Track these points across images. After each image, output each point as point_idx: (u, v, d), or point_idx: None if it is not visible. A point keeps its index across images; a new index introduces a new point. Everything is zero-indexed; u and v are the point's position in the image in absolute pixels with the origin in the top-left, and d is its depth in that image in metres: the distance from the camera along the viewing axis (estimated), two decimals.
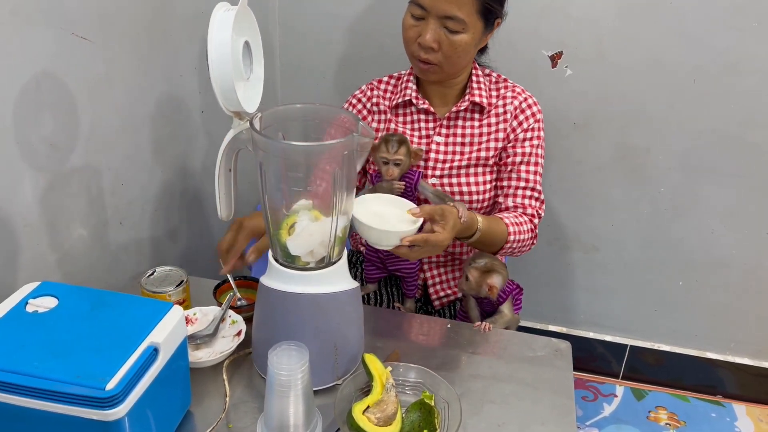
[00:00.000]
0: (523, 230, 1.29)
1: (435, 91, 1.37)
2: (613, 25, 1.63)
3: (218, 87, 0.85)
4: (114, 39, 1.23)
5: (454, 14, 1.21)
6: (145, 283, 1.15)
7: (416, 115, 1.38)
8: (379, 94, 1.42)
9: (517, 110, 1.35)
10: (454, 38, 1.23)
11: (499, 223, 1.27)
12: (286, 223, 0.96)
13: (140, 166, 1.39)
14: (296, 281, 0.97)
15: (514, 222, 1.28)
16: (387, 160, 1.20)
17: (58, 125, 1.13)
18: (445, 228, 1.09)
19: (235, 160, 0.96)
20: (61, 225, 1.17)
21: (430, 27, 1.22)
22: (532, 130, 1.34)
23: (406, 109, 1.39)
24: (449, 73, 1.30)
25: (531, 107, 1.35)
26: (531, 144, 1.34)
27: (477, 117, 1.36)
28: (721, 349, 1.98)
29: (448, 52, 1.24)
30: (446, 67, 1.28)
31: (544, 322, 2.07)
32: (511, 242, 1.27)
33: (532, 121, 1.34)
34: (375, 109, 1.41)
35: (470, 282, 1.20)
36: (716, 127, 1.69)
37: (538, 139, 1.34)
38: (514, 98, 1.36)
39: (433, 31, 1.23)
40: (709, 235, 1.82)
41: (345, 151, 0.90)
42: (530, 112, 1.35)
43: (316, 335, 0.99)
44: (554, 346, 1.19)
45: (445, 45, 1.24)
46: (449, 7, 1.20)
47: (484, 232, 1.21)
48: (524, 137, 1.34)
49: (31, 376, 0.77)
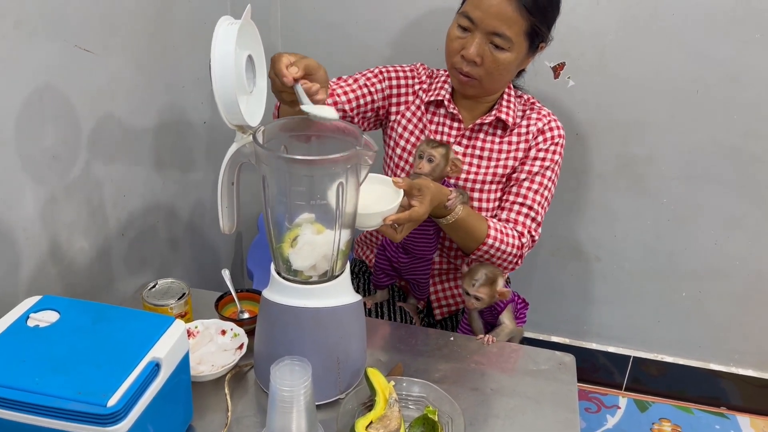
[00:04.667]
0: (507, 241, 1.25)
1: (466, 102, 1.36)
2: (616, 36, 1.63)
3: (221, 101, 0.85)
4: (116, 51, 1.23)
5: (502, 32, 1.19)
6: (146, 295, 1.14)
7: (444, 117, 1.37)
8: (423, 80, 1.40)
9: (539, 132, 1.33)
10: (498, 55, 1.22)
11: (481, 221, 1.24)
12: (288, 236, 0.96)
13: (142, 178, 1.39)
14: (298, 295, 0.96)
15: (498, 229, 1.25)
16: (422, 154, 1.20)
17: (60, 137, 1.13)
18: (423, 202, 1.08)
19: (237, 173, 0.96)
20: (63, 237, 1.17)
21: (476, 41, 1.21)
22: (546, 151, 1.32)
23: (436, 109, 1.38)
24: (487, 89, 1.29)
25: (552, 130, 1.33)
26: (541, 165, 1.32)
27: (499, 133, 1.34)
28: (724, 360, 1.97)
29: (490, 69, 1.23)
30: (485, 83, 1.26)
31: (546, 333, 2.06)
32: (489, 246, 1.23)
33: (550, 144, 1.32)
34: (420, 94, 1.39)
35: (484, 300, 1.18)
36: (718, 137, 1.68)
37: (551, 162, 1.32)
38: (539, 120, 1.34)
39: (479, 46, 1.21)
40: (712, 246, 1.81)
41: (348, 164, 0.89)
42: (549, 135, 1.33)
43: (318, 349, 0.99)
44: (558, 359, 1.19)
45: (488, 61, 1.22)
46: (499, 24, 1.19)
47: (462, 218, 1.19)
48: (535, 156, 1.32)
49: (32, 392, 0.77)
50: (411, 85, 1.39)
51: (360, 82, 1.36)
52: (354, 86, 1.36)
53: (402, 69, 1.40)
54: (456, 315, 1.47)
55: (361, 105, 1.36)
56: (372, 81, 1.37)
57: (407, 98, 1.40)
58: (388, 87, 1.38)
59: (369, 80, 1.37)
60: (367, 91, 1.36)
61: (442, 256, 1.41)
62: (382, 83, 1.38)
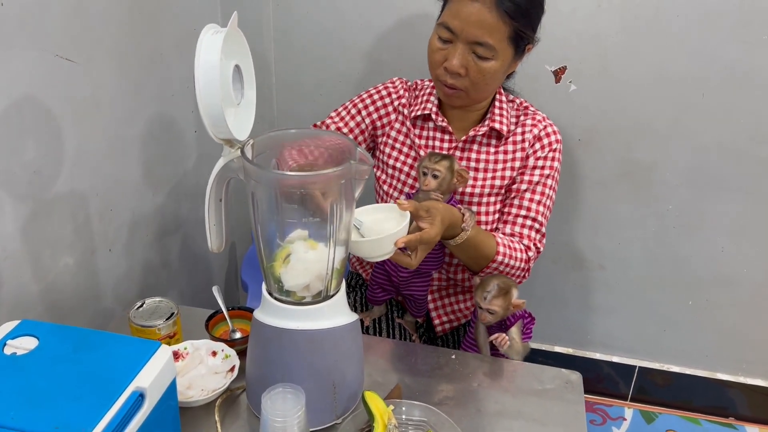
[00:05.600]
0: (516, 257, 1.21)
1: (455, 112, 1.30)
2: (618, 39, 1.58)
3: (206, 114, 0.80)
4: (100, 59, 1.19)
5: (484, 40, 1.13)
6: (133, 316, 1.09)
7: (433, 131, 1.31)
8: (401, 94, 1.35)
9: (536, 139, 1.28)
10: (482, 65, 1.16)
11: (489, 237, 1.19)
12: (280, 254, 0.91)
13: (130, 190, 1.34)
14: (291, 316, 0.91)
15: (506, 244, 1.21)
16: (426, 170, 1.15)
17: (41, 151, 1.08)
18: (434, 223, 1.03)
19: (226, 189, 0.91)
20: (45, 255, 1.12)
21: (458, 52, 1.15)
22: (545, 159, 1.27)
23: (423, 123, 1.32)
24: (475, 99, 1.24)
25: (549, 136, 1.28)
26: (541, 173, 1.26)
27: (494, 143, 1.29)
28: (732, 370, 1.92)
29: (475, 79, 1.17)
30: (472, 94, 1.21)
31: (549, 342, 2.01)
32: (499, 263, 1.19)
33: (548, 150, 1.27)
34: (401, 110, 1.34)
35: (498, 313, 1.12)
36: (724, 141, 1.64)
37: (550, 169, 1.27)
38: (534, 126, 1.28)
39: (461, 56, 1.15)
40: (719, 253, 1.77)
41: (342, 180, 0.84)
42: (547, 141, 1.27)
43: (313, 373, 0.94)
44: (564, 377, 1.14)
45: (472, 71, 1.17)
46: (480, 33, 1.13)
47: (471, 237, 1.13)
48: (535, 165, 1.27)
49: (7, 429, 0.72)
50: (389, 104, 1.34)
51: (332, 129, 1.33)
52: (340, 124, 1.34)
53: (376, 90, 1.35)
54: (458, 330, 1.42)
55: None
56: (345, 120, 1.35)
57: (389, 118, 1.34)
58: (366, 116, 1.34)
59: (342, 119, 1.35)
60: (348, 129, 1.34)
61: (440, 271, 1.36)
62: (356, 117, 1.34)
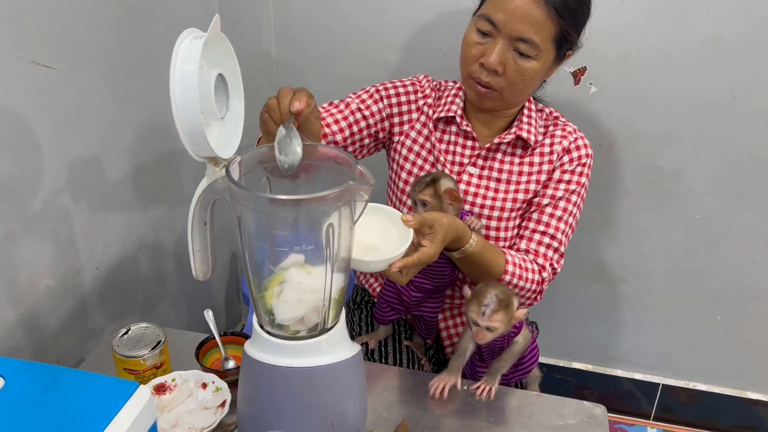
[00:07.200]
0: (526, 277, 1.11)
1: (481, 117, 1.20)
2: (642, 38, 1.47)
3: (184, 130, 0.71)
4: (84, 65, 1.10)
5: (529, 37, 1.04)
6: (116, 345, 1.00)
7: (455, 136, 1.21)
8: (428, 93, 1.24)
9: (565, 151, 1.18)
10: (523, 64, 1.06)
11: (497, 252, 1.09)
12: (271, 284, 0.81)
13: (119, 204, 1.25)
14: (285, 352, 0.82)
15: (517, 262, 1.11)
16: (416, 200, 1.07)
17: (17, 165, 1.00)
18: (434, 241, 0.94)
19: (211, 211, 0.82)
20: (23, 277, 1.04)
21: (498, 47, 1.05)
22: (572, 173, 1.17)
23: (446, 126, 1.22)
24: (508, 102, 1.13)
25: (579, 149, 1.18)
26: (566, 188, 1.17)
27: (519, 153, 1.19)
28: (763, 389, 1.82)
29: (512, 79, 1.08)
30: (506, 95, 1.11)
31: (567, 359, 1.90)
32: (506, 282, 1.09)
33: (576, 164, 1.17)
34: (425, 110, 1.23)
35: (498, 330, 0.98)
36: (756, 148, 1.53)
37: (576, 185, 1.17)
38: (564, 138, 1.18)
39: (501, 53, 1.06)
40: (750, 265, 1.66)
41: (340, 202, 0.75)
42: (576, 155, 1.17)
43: (310, 414, 0.84)
44: (587, 411, 1.04)
45: (511, 70, 1.07)
46: (525, 28, 1.03)
47: (476, 251, 1.04)
48: (560, 178, 1.17)
49: None
50: (414, 101, 1.24)
51: (353, 107, 1.21)
52: (346, 112, 1.21)
53: (402, 84, 1.25)
54: None
55: (355, 132, 1.21)
56: (367, 103, 1.22)
57: (410, 116, 1.24)
58: (387, 106, 1.23)
59: (363, 102, 1.22)
60: (361, 115, 1.21)
61: (454, 289, 1.26)
62: (379, 103, 1.23)
